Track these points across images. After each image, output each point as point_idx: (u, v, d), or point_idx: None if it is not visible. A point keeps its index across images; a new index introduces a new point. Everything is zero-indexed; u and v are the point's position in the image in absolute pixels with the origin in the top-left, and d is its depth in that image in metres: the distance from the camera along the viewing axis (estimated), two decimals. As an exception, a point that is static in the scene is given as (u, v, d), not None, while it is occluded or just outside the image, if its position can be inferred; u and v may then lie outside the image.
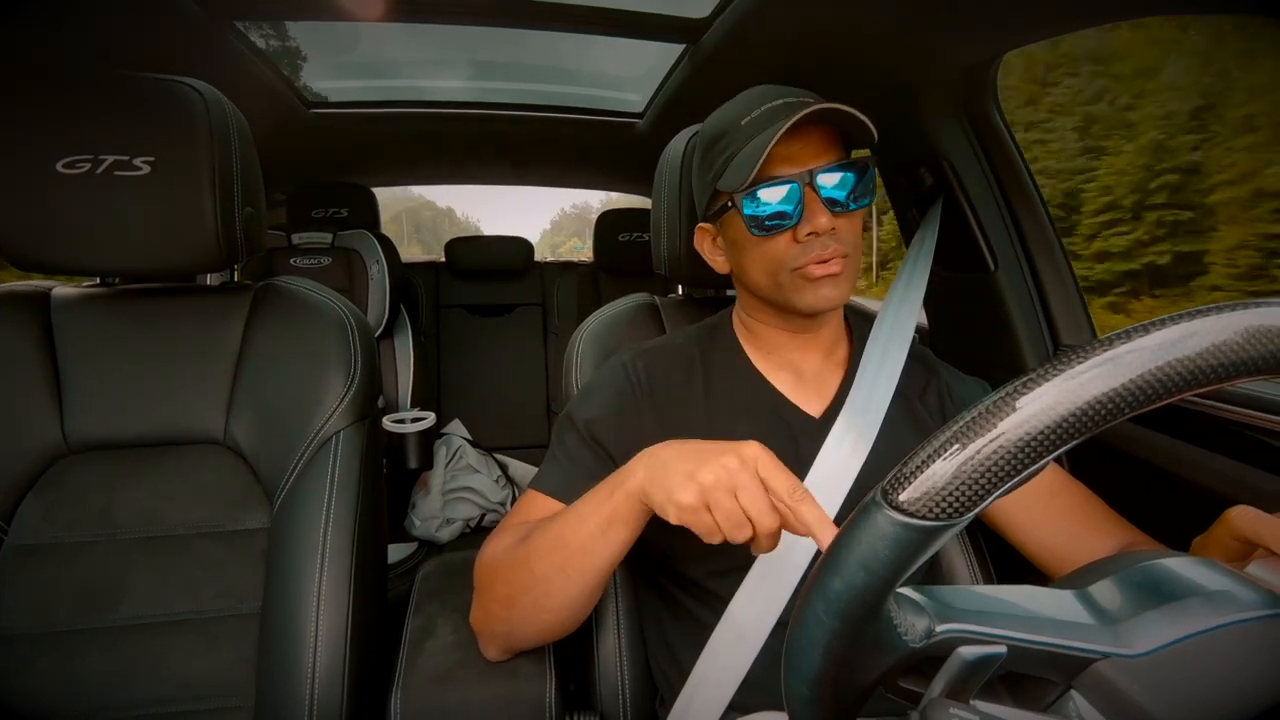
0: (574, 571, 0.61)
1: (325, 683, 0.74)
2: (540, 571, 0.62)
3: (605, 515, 0.58)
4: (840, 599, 0.32)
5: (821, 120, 0.65)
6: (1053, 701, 0.33)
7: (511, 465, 2.19)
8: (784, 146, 0.64)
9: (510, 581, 0.65)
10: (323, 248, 2.04)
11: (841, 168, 0.66)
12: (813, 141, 0.66)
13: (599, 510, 0.59)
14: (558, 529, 0.61)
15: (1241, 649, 0.31)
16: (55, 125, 0.75)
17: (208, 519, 0.79)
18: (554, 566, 0.61)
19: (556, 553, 0.61)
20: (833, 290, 0.67)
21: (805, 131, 0.65)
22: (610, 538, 0.59)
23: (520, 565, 0.63)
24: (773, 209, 0.66)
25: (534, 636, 0.69)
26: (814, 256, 0.66)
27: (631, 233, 2.29)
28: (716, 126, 0.71)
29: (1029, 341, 1.04)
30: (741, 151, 0.66)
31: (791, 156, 0.65)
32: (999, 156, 1.03)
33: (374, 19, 1.21)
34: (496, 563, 0.67)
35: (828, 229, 0.65)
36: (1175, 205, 11.21)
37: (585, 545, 0.60)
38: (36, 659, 0.72)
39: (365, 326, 0.88)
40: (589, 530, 0.59)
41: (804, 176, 0.65)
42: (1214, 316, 0.28)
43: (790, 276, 0.68)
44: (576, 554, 0.60)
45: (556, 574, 0.61)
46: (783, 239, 0.67)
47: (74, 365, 0.82)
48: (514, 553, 0.64)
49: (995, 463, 0.29)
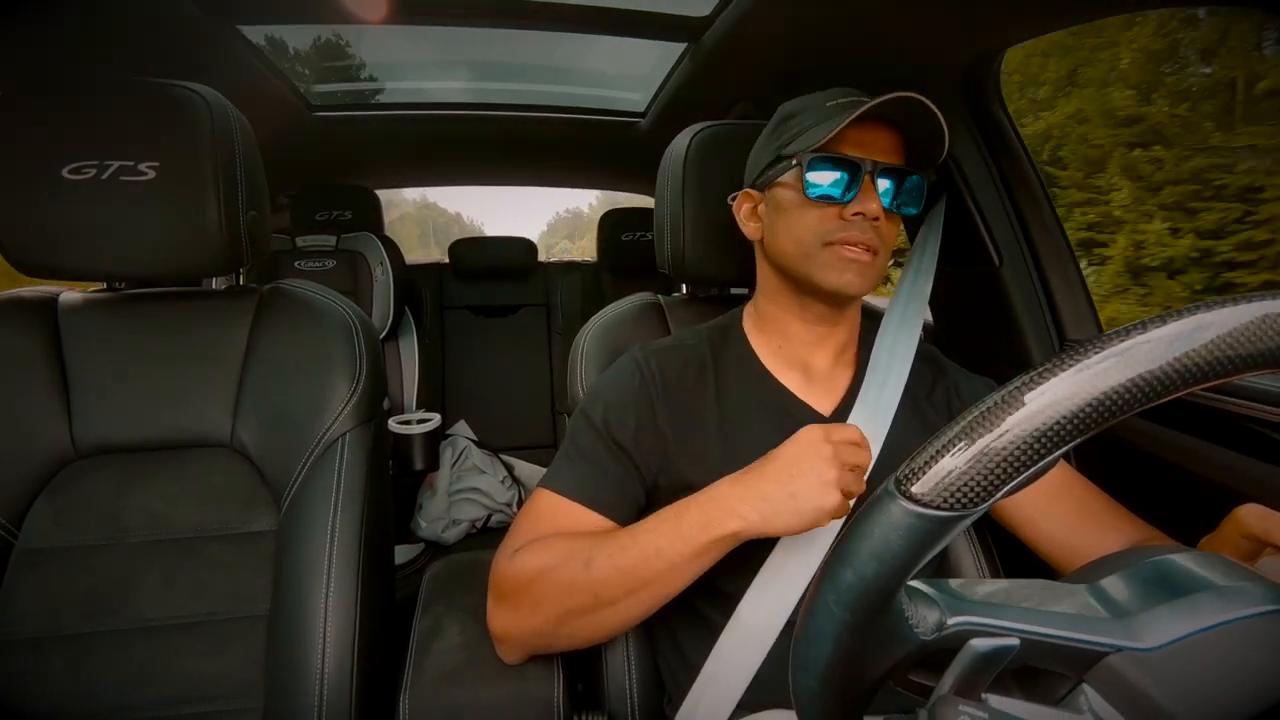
0: (648, 598, 0.63)
1: (334, 683, 0.74)
2: (608, 597, 0.63)
3: (694, 552, 0.60)
4: (851, 590, 0.32)
5: (897, 125, 0.69)
6: (1064, 695, 0.33)
7: (517, 466, 2.19)
8: (858, 133, 0.67)
9: (565, 603, 0.64)
10: (327, 250, 2.05)
11: (901, 172, 0.69)
12: (883, 141, 0.69)
13: (685, 546, 0.60)
14: (631, 562, 0.61)
15: (1253, 644, 0.30)
16: (60, 132, 0.76)
17: (215, 522, 0.80)
18: (624, 592, 0.62)
19: (629, 580, 0.62)
20: (857, 277, 0.69)
21: (879, 130, 0.69)
22: (696, 569, 0.62)
23: (582, 589, 0.63)
24: (833, 180, 0.68)
25: (581, 645, 0.70)
26: (853, 236, 0.68)
27: (635, 232, 2.29)
28: (798, 104, 0.74)
29: (1035, 337, 1.04)
30: (824, 122, 0.68)
31: (862, 144, 0.68)
32: (1003, 152, 1.03)
33: (376, 21, 1.21)
34: (539, 580, 0.65)
35: (875, 215, 0.67)
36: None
37: (665, 576, 0.61)
38: (47, 662, 0.73)
39: (370, 328, 0.89)
40: (672, 564, 0.61)
41: (869, 164, 0.68)
42: (1227, 309, 0.28)
43: (821, 250, 0.69)
44: (654, 584, 0.62)
45: (626, 598, 0.62)
46: (829, 211, 0.69)
47: (81, 370, 0.82)
48: (572, 574, 0.63)
49: (1011, 453, 0.29)
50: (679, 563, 0.60)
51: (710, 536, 0.59)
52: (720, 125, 0.90)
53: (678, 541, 0.60)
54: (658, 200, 0.92)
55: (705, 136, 0.88)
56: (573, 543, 0.65)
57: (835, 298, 0.71)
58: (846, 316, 0.76)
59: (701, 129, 0.89)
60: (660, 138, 1.01)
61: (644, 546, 0.61)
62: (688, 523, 0.60)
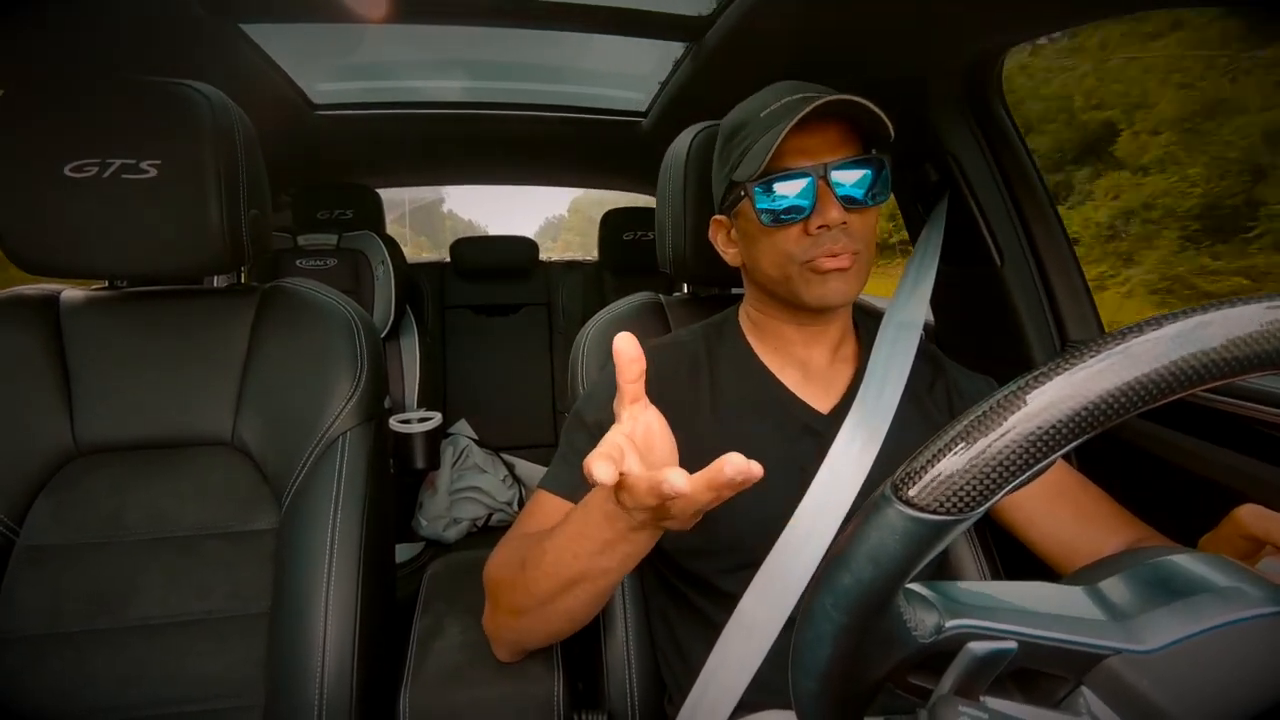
0: (583, 594, 0.59)
1: (334, 682, 0.74)
2: (543, 595, 0.61)
3: (599, 548, 0.56)
4: (849, 594, 0.32)
5: (839, 116, 0.66)
6: (1063, 697, 0.33)
7: (518, 465, 2.20)
8: (800, 140, 0.65)
9: (512, 602, 0.65)
10: (328, 249, 2.05)
11: (856, 163, 0.66)
12: (830, 137, 0.66)
13: (589, 543, 0.56)
14: (551, 561, 0.59)
15: (1252, 645, 0.30)
16: (62, 129, 0.76)
17: (217, 520, 0.80)
18: (557, 589, 0.60)
19: (554, 580, 0.59)
20: (841, 285, 0.67)
21: (823, 126, 0.66)
22: (614, 562, 0.56)
23: (521, 589, 0.63)
24: (786, 201, 0.66)
25: (543, 641, 0.71)
26: (824, 250, 0.66)
27: (636, 231, 2.29)
28: (736, 119, 0.72)
29: (1036, 337, 1.03)
30: (758, 143, 0.66)
31: (807, 150, 0.66)
32: (1005, 151, 1.03)
33: (378, 20, 1.21)
34: (500, 578, 0.67)
35: (839, 222, 0.65)
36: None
37: (589, 573, 0.57)
38: (47, 660, 0.73)
39: (371, 327, 0.89)
40: (590, 558, 0.56)
41: (818, 169, 0.65)
42: (1227, 310, 0.28)
43: (799, 269, 0.68)
44: (581, 581, 0.58)
45: (561, 596, 0.60)
46: (794, 231, 0.67)
47: (83, 368, 0.82)
48: (515, 573, 0.64)
49: (1007, 457, 0.29)
50: (594, 557, 0.56)
51: (613, 531, 0.54)
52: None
53: (583, 539, 0.56)
54: (659, 200, 0.92)
55: (707, 136, 0.88)
56: (521, 543, 0.66)
57: (825, 309, 0.71)
58: (838, 313, 0.76)
59: (703, 129, 0.89)
60: (662, 137, 1.01)
61: (559, 547, 0.58)
62: (593, 521, 0.55)
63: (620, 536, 0.54)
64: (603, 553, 0.56)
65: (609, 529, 0.54)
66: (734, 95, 0.75)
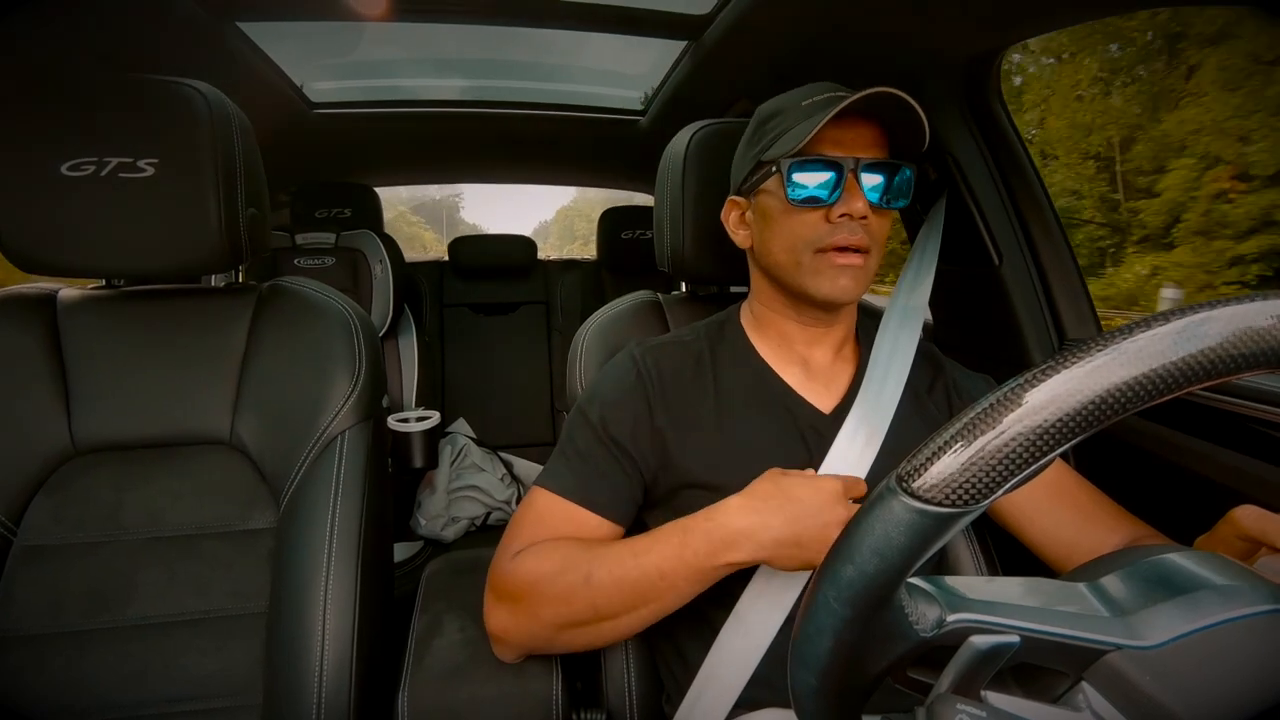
0: (647, 614, 0.64)
1: (333, 681, 0.74)
2: (607, 611, 0.63)
3: (696, 576, 0.62)
4: (852, 586, 0.32)
5: (876, 119, 0.68)
6: (1063, 693, 0.33)
7: (516, 464, 2.19)
8: (837, 131, 0.66)
9: (563, 612, 0.65)
10: (326, 248, 2.04)
11: (886, 166, 0.68)
12: (864, 136, 0.68)
13: (687, 570, 0.61)
14: (632, 580, 0.62)
15: (1252, 643, 0.30)
16: (60, 128, 0.75)
17: (215, 519, 0.80)
18: (624, 608, 0.63)
19: (629, 598, 0.63)
20: (850, 282, 0.68)
21: (858, 125, 0.68)
22: (696, 590, 0.63)
23: (581, 601, 0.63)
24: (815, 184, 0.68)
25: (578, 651, 0.71)
26: (841, 239, 0.67)
27: (634, 230, 2.29)
28: (775, 106, 0.73)
29: (1034, 336, 1.04)
30: (799, 124, 0.67)
31: (842, 143, 0.67)
32: (1003, 151, 1.03)
33: (376, 18, 1.21)
34: (539, 587, 0.65)
35: (861, 215, 0.66)
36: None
37: (665, 596, 0.62)
38: (46, 659, 0.73)
39: (369, 326, 0.89)
40: (674, 585, 0.62)
41: (850, 162, 0.67)
42: (1227, 308, 0.28)
43: (812, 257, 0.69)
44: (654, 602, 0.63)
45: (625, 614, 0.63)
46: (815, 215, 0.68)
47: (81, 367, 0.82)
48: (571, 585, 0.64)
49: (1013, 450, 0.29)
50: (680, 585, 0.62)
51: (713, 564, 0.61)
52: (720, 123, 0.90)
53: (680, 565, 0.61)
54: (657, 198, 0.92)
55: (705, 135, 0.88)
56: (575, 553, 0.65)
57: (830, 305, 0.71)
58: (843, 314, 0.76)
59: (701, 127, 0.89)
60: (660, 136, 1.01)
61: (645, 567, 0.62)
62: (692, 549, 0.61)
63: (725, 572, 0.62)
64: (703, 583, 0.62)
65: (727, 570, 0.62)
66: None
